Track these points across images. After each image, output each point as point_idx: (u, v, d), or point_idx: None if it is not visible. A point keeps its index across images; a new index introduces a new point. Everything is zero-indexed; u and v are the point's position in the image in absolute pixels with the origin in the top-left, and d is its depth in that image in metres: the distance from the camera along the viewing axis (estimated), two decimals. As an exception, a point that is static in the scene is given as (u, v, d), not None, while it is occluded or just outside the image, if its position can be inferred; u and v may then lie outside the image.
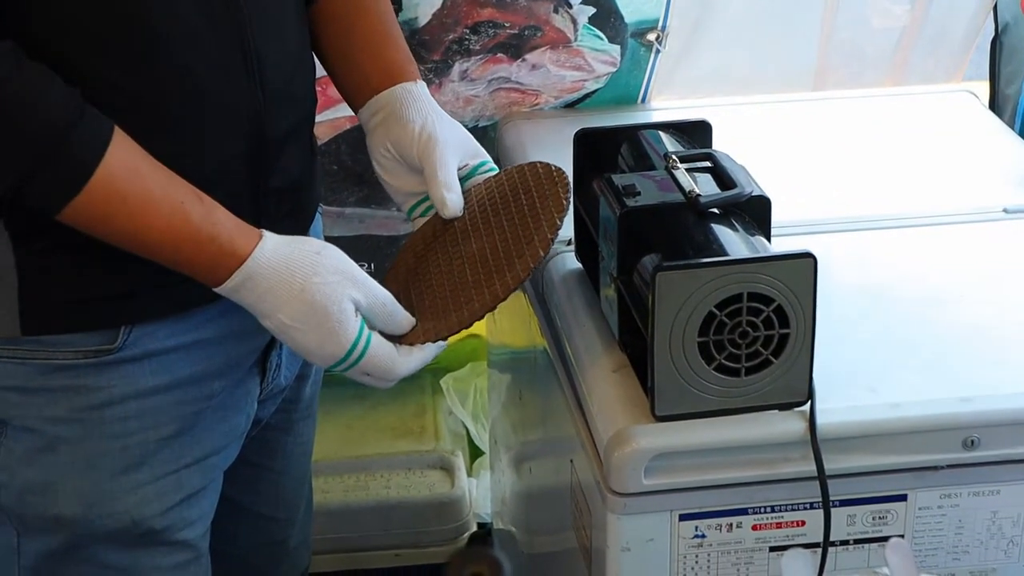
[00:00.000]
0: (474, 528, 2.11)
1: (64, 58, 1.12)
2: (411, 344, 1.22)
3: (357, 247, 1.96)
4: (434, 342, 1.22)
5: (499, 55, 1.86)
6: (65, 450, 1.22)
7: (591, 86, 1.90)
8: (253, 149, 1.23)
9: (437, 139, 1.30)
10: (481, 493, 2.17)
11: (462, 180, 1.33)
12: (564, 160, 1.39)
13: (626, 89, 1.91)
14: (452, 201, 1.30)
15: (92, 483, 1.22)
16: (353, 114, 1.39)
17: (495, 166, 1.37)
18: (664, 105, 1.93)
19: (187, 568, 1.30)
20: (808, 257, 1.18)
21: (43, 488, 1.22)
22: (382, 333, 1.22)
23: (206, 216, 1.15)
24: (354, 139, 1.92)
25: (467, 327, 1.23)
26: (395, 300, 1.23)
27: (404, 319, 1.23)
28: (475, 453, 2.25)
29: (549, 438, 1.57)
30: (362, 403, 2.23)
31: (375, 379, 1.22)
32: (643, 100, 1.93)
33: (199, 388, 1.26)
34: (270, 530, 1.52)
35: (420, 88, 1.34)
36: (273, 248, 1.17)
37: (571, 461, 1.38)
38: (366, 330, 1.19)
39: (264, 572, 1.55)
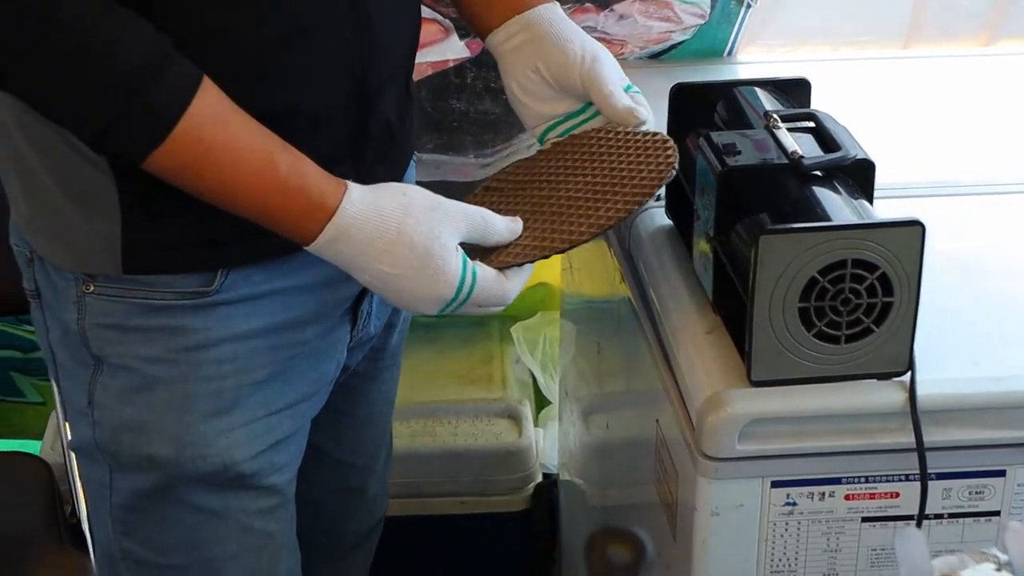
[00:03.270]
0: (540, 478, 2.11)
1: (165, 2, 1.10)
2: (507, 263, 1.20)
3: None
4: (533, 261, 1.20)
5: (587, 4, 1.83)
6: (160, 390, 1.22)
7: (678, 37, 1.87)
8: (355, 95, 1.22)
9: (603, 59, 1.28)
10: (548, 443, 2.16)
11: None
12: (653, 112, 1.36)
13: (713, 42, 1.88)
14: (639, 110, 1.28)
15: (185, 425, 1.22)
16: (434, 60, 1.36)
17: (639, 88, 1.34)
18: (751, 59, 1.90)
19: (274, 513, 1.30)
20: (917, 225, 1.15)
21: (137, 427, 1.23)
22: (484, 252, 1.19)
23: (294, 166, 1.13)
24: (435, 85, 1.89)
25: (566, 250, 1.20)
26: (488, 211, 1.20)
27: (503, 225, 1.20)
28: (541, 403, 2.24)
29: (631, 393, 1.55)
30: (430, 348, 2.22)
31: (486, 308, 1.19)
32: (730, 53, 1.90)
33: (293, 334, 1.26)
34: (349, 477, 1.53)
35: (561, 11, 1.32)
36: (360, 198, 1.15)
37: (656, 420, 1.36)
38: (470, 263, 1.17)
39: (340, 519, 1.55)
